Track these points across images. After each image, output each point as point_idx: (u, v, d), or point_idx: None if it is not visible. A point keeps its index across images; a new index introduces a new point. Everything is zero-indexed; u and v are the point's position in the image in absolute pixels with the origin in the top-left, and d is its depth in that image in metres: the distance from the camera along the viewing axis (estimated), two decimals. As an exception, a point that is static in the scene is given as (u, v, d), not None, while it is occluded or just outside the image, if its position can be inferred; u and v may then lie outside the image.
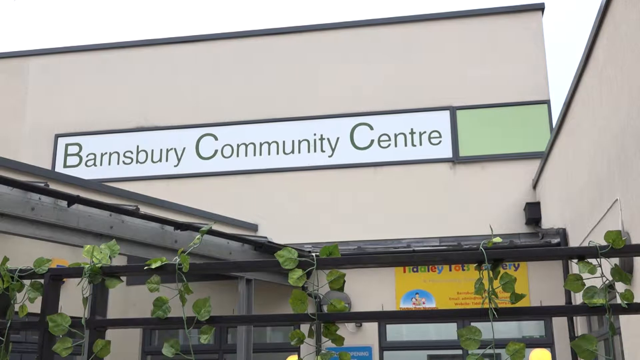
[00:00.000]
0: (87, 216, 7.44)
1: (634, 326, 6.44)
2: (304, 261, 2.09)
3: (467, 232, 11.06)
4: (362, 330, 10.64)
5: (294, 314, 2.09)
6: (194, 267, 2.17)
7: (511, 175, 11.52)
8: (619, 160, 6.62)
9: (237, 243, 9.52)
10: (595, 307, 1.96)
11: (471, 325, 2.05)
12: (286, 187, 12.14)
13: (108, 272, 2.20)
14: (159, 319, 2.16)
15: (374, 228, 11.47)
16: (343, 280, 2.09)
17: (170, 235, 8.37)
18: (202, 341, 2.12)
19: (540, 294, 9.85)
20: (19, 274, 2.24)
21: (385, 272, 10.85)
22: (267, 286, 10.66)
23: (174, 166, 12.71)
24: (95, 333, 2.18)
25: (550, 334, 10.31)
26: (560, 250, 2.32)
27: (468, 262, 2.12)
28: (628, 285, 2.05)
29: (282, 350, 11.21)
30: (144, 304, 10.93)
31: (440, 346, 10.93)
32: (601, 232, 7.30)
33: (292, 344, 2.12)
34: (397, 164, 11.94)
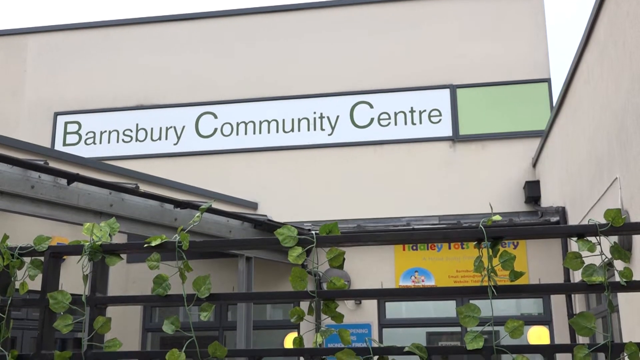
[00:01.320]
0: (86, 194, 7.44)
1: (632, 304, 6.47)
2: (303, 239, 2.09)
3: (466, 210, 11.08)
4: (361, 307, 10.69)
5: (294, 291, 2.09)
6: (194, 245, 2.17)
7: (511, 154, 11.51)
8: (619, 139, 6.61)
9: (236, 221, 9.54)
10: (594, 285, 1.97)
11: (470, 303, 2.06)
12: (286, 165, 12.14)
13: (108, 250, 2.20)
14: (159, 296, 2.17)
15: (373, 206, 11.48)
16: (343, 258, 2.09)
17: (170, 214, 8.39)
18: (202, 318, 2.12)
19: (538, 272, 9.89)
20: (19, 252, 2.24)
21: (384, 250, 10.89)
22: (266, 264, 10.69)
23: (174, 144, 12.69)
24: (95, 310, 2.19)
25: (548, 312, 10.37)
26: (560, 228, 2.32)
27: (468, 240, 2.12)
28: (627, 263, 2.06)
29: (281, 327, 11.29)
30: (144, 282, 10.98)
31: (439, 323, 10.99)
32: (600, 211, 7.34)
33: (292, 321, 2.13)
34: (397, 142, 11.92)
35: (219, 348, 2.08)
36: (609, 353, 1.92)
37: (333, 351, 2.04)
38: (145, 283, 10.68)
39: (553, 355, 2.00)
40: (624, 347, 1.92)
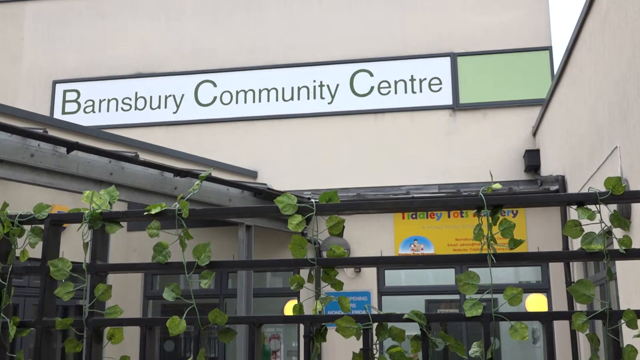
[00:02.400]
0: (86, 163, 7.43)
1: (630, 272, 6.51)
2: (303, 207, 2.09)
3: (466, 179, 11.08)
4: (361, 275, 10.76)
5: (294, 259, 2.10)
6: (194, 213, 2.17)
7: (511, 123, 11.48)
8: (619, 107, 6.58)
9: (236, 190, 9.54)
10: (593, 253, 1.97)
11: (469, 271, 2.07)
12: (285, 134, 12.11)
13: (108, 218, 2.20)
14: (159, 263, 2.17)
15: (373, 175, 11.48)
16: (342, 226, 2.09)
17: (170, 182, 8.39)
18: (202, 286, 2.13)
19: (537, 241, 9.93)
20: (19, 220, 2.24)
21: (384, 219, 10.92)
22: (266, 232, 10.73)
23: (173, 113, 12.65)
24: (96, 278, 2.20)
25: (546, 280, 10.43)
26: (560, 196, 2.31)
27: (467, 208, 2.12)
28: (626, 231, 2.06)
29: (281, 295, 11.37)
30: (144, 250, 11.02)
31: (438, 291, 11.07)
32: (600, 180, 7.34)
33: (292, 289, 2.14)
34: (397, 111, 11.88)
35: (219, 315, 2.09)
36: (607, 320, 1.93)
37: (333, 318, 2.05)
38: (146, 251, 10.72)
39: (551, 323, 2.01)
40: (622, 314, 1.93)
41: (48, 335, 2.21)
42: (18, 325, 2.20)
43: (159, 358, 11.71)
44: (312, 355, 2.08)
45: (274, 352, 11.43)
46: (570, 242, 9.97)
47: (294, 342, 11.27)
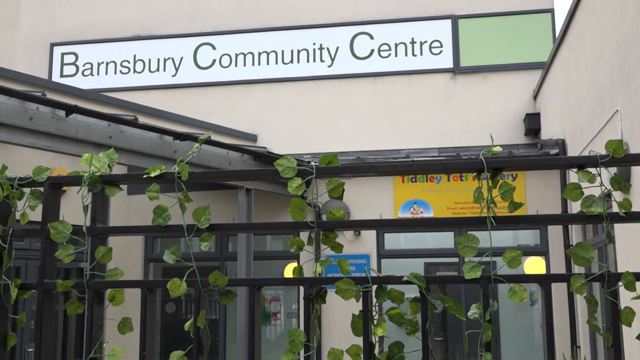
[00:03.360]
0: (85, 126, 7.41)
1: (628, 235, 6.54)
2: (303, 170, 2.09)
3: (466, 143, 11.07)
4: (360, 238, 10.81)
5: (294, 221, 2.10)
6: (193, 176, 2.17)
7: (512, 86, 11.42)
8: (621, 71, 6.54)
9: (236, 153, 9.54)
10: (593, 216, 1.97)
11: (469, 233, 2.07)
12: (285, 97, 12.05)
13: (107, 181, 2.20)
14: (159, 226, 2.17)
15: (373, 139, 11.46)
16: (342, 189, 2.09)
17: (170, 145, 8.37)
18: (202, 248, 2.14)
19: (536, 205, 9.95)
20: (18, 182, 2.24)
21: (383, 183, 10.93)
22: (266, 196, 10.75)
23: (172, 76, 12.57)
24: (96, 240, 2.20)
25: (545, 243, 10.49)
26: (561, 159, 2.31)
27: (467, 171, 2.11)
28: (627, 194, 2.06)
29: (281, 258, 11.43)
30: (145, 213, 11.05)
31: (437, 254, 11.13)
32: (600, 143, 7.33)
33: (292, 251, 2.14)
34: (397, 74, 11.81)
35: (219, 277, 2.10)
36: (606, 282, 1.94)
37: (332, 280, 2.06)
38: (146, 214, 10.75)
39: (550, 285, 2.01)
40: (620, 277, 1.94)
41: (49, 297, 2.23)
42: (19, 287, 2.21)
43: (161, 320, 11.83)
44: (312, 316, 2.09)
45: (274, 314, 11.54)
46: (569, 206, 9.99)
47: (294, 304, 11.37)
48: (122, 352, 2.14)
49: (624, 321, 1.94)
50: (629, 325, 1.93)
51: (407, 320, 2.05)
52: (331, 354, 2.05)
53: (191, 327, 2.13)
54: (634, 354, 5.40)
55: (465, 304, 9.76)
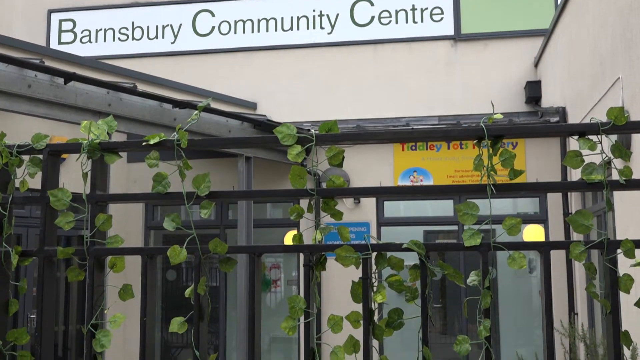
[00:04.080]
0: (84, 94, 7.37)
1: (627, 203, 6.55)
2: (302, 137, 2.08)
3: (466, 111, 11.03)
4: (360, 206, 10.83)
5: (293, 189, 2.10)
6: (193, 143, 2.16)
7: (513, 53, 11.34)
8: (623, 38, 6.49)
9: (236, 121, 9.51)
10: (593, 184, 1.97)
11: (469, 201, 2.07)
12: (285, 65, 11.98)
13: (106, 148, 2.19)
14: (159, 194, 2.17)
15: (373, 107, 11.42)
16: (342, 157, 2.08)
17: (169, 113, 8.35)
18: (202, 215, 2.14)
19: (536, 173, 9.95)
20: (17, 150, 2.23)
21: (383, 151, 10.91)
22: (266, 164, 10.75)
23: (171, 43, 12.48)
24: (96, 207, 2.20)
25: (544, 211, 10.51)
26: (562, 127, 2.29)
27: (468, 139, 2.11)
28: (627, 161, 2.05)
29: (281, 226, 11.47)
30: (144, 181, 11.07)
31: (436, 222, 11.16)
32: (600, 112, 7.30)
33: (292, 219, 2.15)
34: (397, 41, 11.72)
35: (219, 244, 2.11)
36: (605, 250, 1.95)
37: (332, 248, 2.07)
38: (146, 182, 10.76)
39: (549, 252, 2.02)
40: (619, 244, 1.94)
41: (50, 264, 2.24)
42: (20, 255, 2.22)
43: (161, 287, 11.91)
44: (312, 283, 2.10)
45: (274, 281, 11.62)
46: (569, 174, 10.00)
47: (294, 271, 11.44)
48: (123, 319, 2.16)
49: (622, 288, 1.95)
50: (628, 292, 1.94)
51: (407, 287, 2.06)
52: (331, 320, 2.06)
53: (191, 293, 2.15)
54: (631, 320, 5.45)
55: (465, 271, 9.82)
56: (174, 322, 2.13)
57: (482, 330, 1.99)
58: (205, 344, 2.18)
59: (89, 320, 2.16)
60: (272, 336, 11.37)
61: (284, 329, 2.07)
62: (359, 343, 2.05)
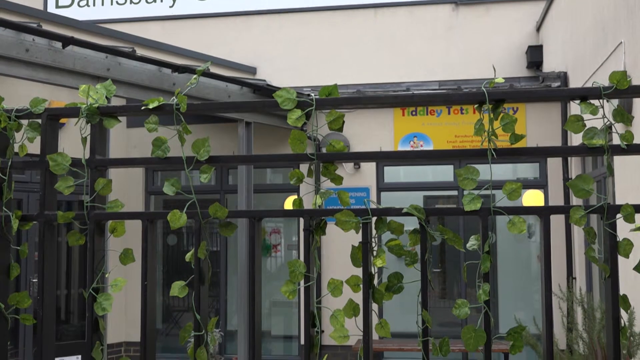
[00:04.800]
0: (82, 58, 7.32)
1: (627, 168, 6.55)
2: (302, 101, 2.07)
3: (467, 75, 10.96)
4: (360, 172, 10.83)
5: (293, 153, 2.09)
6: (192, 108, 2.15)
7: (515, 18, 11.23)
8: (626, 2, 6.42)
9: (235, 86, 9.46)
10: (594, 148, 1.96)
11: (469, 166, 2.06)
12: (285, 29, 11.87)
13: (105, 112, 2.18)
14: (158, 158, 2.17)
15: (373, 72, 11.35)
16: (342, 121, 2.07)
17: (168, 78, 8.30)
18: (202, 180, 2.14)
19: (536, 139, 9.93)
20: (15, 114, 2.22)
21: (383, 116, 10.88)
22: (266, 130, 10.72)
23: (169, 7, 12.35)
24: (96, 172, 2.20)
25: (544, 177, 10.51)
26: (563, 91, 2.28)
27: (469, 103, 2.09)
28: (629, 126, 2.04)
29: (281, 191, 11.48)
30: (144, 146, 11.05)
31: (436, 187, 11.17)
32: (602, 77, 7.26)
33: (292, 184, 2.14)
34: (398, 5, 11.60)
35: (219, 209, 2.11)
36: (605, 214, 1.95)
37: (332, 212, 2.07)
38: (145, 147, 10.75)
39: (549, 217, 2.02)
40: (619, 209, 1.94)
41: (51, 229, 2.24)
42: (20, 219, 2.22)
43: (162, 251, 11.98)
44: (312, 248, 2.11)
45: (274, 246, 11.68)
46: (569, 140, 9.98)
47: (294, 236, 11.48)
48: (124, 283, 2.17)
49: (621, 253, 1.95)
50: (627, 257, 1.95)
51: (407, 252, 2.07)
52: (331, 285, 2.07)
53: (192, 258, 2.15)
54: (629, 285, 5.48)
55: (464, 237, 9.87)
56: (175, 286, 2.14)
57: (482, 294, 2.00)
58: (206, 307, 2.20)
59: (90, 284, 2.17)
60: (273, 300, 11.47)
61: (284, 293, 2.08)
62: (358, 307, 2.06)
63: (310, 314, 2.10)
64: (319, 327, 2.11)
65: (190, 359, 2.14)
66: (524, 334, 2.05)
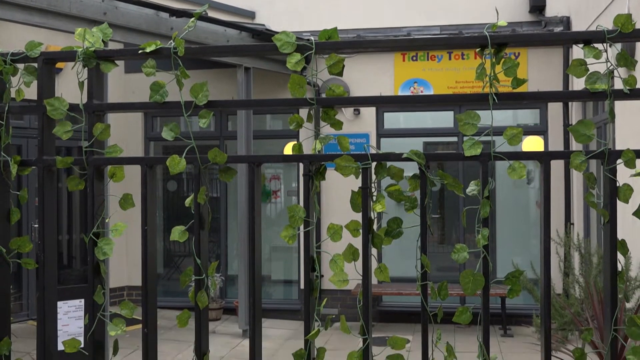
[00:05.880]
0: (78, 2, 7.22)
1: (627, 114, 6.53)
2: (302, 45, 2.04)
3: (468, 20, 10.80)
4: (359, 118, 10.79)
5: (293, 98, 2.07)
6: (189, 51, 2.12)
7: (518, -40, 11.01)
8: (633, -57, 6.30)
9: (234, 31, 9.35)
10: (596, 93, 1.95)
11: (470, 110, 2.05)
12: (284, -29, 11.65)
13: (102, 56, 2.15)
14: (156, 103, 2.15)
15: (373, 16, 11.18)
16: (342, 65, 2.05)
17: (166, 22, 8.19)
18: (201, 125, 2.12)
19: (538, 85, 9.85)
20: (11, 58, 2.19)
21: (383, 61, 10.78)
22: (265, 76, 10.64)
23: (166, -51, 12.10)
24: (94, 117, 2.18)
25: (544, 123, 10.48)
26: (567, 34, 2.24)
27: (470, 47, 2.06)
28: (632, 70, 2.02)
29: (281, 137, 11.46)
30: (143, 92, 10.97)
31: (436, 133, 11.14)
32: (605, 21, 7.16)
33: (291, 129, 2.13)
34: (399, -53, 11.37)
35: (219, 154, 2.10)
36: (605, 159, 1.94)
37: (332, 157, 2.06)
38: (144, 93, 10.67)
39: (549, 162, 2.01)
40: (620, 154, 1.93)
41: (50, 174, 2.24)
42: (19, 164, 2.22)
43: (162, 197, 12.02)
44: (312, 193, 2.11)
45: (274, 192, 11.71)
46: (570, 86, 9.92)
47: (294, 182, 11.51)
48: (124, 228, 2.18)
49: (621, 198, 1.95)
50: (627, 202, 1.95)
51: (406, 197, 2.07)
52: (330, 229, 2.08)
53: (192, 203, 2.16)
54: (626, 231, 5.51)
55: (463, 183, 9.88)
56: (175, 230, 2.15)
57: (481, 238, 2.01)
58: (206, 252, 2.21)
59: (90, 229, 2.18)
60: (273, 246, 11.56)
61: (284, 237, 2.09)
62: (358, 251, 2.07)
63: (310, 258, 2.12)
64: (319, 272, 2.13)
65: (191, 302, 2.16)
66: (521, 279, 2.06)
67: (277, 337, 9.69)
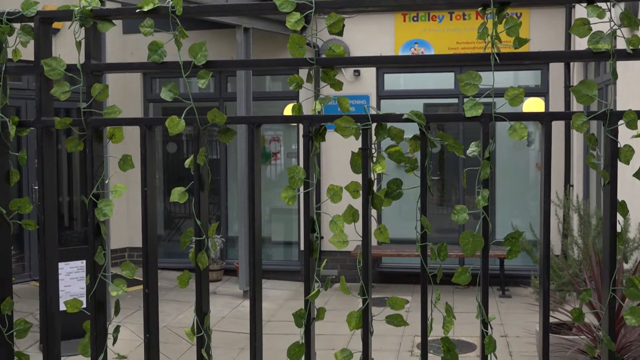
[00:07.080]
0: (75, -40, 7.11)
1: (629, 75, 6.49)
2: (302, 4, 2.01)
3: (470, -21, 10.67)
4: (360, 79, 10.72)
5: (293, 58, 2.05)
6: (188, 11, 2.09)
7: None
8: None
9: (233, -10, 9.22)
10: (599, 53, 1.93)
11: (471, 71, 2.03)
12: None
13: (99, 15, 2.12)
14: (155, 63, 2.13)
15: (374, -25, 11.04)
16: (342, 24, 2.02)
17: (164, -18, 8.08)
18: (199, 85, 2.11)
19: (540, 46, 9.76)
20: (7, 17, 2.16)
21: (384, 22, 10.67)
22: (265, 37, 10.54)
23: None
24: (92, 77, 2.17)
25: (545, 84, 10.42)
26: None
27: (472, 7, 2.04)
28: (635, 30, 2.00)
29: (280, 99, 11.41)
30: (141, 52, 10.87)
31: (436, 95, 11.08)
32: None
33: (291, 89, 2.11)
34: None
35: (218, 115, 2.09)
36: (607, 120, 1.93)
37: (332, 118, 2.05)
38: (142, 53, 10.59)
39: (550, 123, 2.00)
40: (622, 115, 1.92)
41: (49, 135, 2.23)
42: (18, 125, 2.20)
43: (162, 159, 12.01)
44: (312, 154, 2.10)
45: (274, 154, 11.70)
46: (573, 46, 9.84)
47: (294, 144, 11.49)
48: (124, 189, 2.18)
49: (622, 159, 1.95)
50: (627, 163, 1.95)
51: (406, 158, 2.06)
52: (330, 190, 2.08)
53: (191, 164, 2.15)
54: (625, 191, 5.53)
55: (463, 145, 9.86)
56: (175, 192, 2.15)
57: (481, 199, 2.01)
58: (206, 213, 2.21)
59: (90, 190, 2.17)
60: (273, 207, 11.59)
61: (284, 198, 2.09)
62: (357, 212, 2.07)
63: (309, 219, 2.12)
64: (319, 233, 2.13)
65: (192, 263, 2.17)
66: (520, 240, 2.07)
67: (278, 297, 9.78)
